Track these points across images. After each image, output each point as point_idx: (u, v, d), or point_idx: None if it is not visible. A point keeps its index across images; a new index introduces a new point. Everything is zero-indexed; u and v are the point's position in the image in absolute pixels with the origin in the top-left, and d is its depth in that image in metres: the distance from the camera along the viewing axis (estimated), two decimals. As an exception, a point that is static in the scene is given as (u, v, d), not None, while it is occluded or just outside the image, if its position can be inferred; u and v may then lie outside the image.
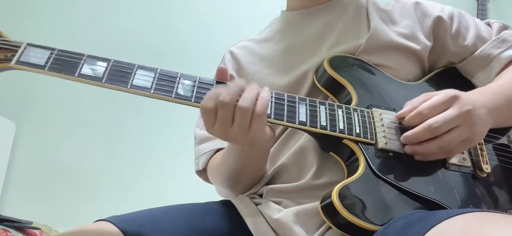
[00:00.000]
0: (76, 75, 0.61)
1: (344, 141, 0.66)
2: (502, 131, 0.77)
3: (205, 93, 0.61)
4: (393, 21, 0.82)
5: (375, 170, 0.63)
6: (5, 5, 2.19)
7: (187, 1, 2.30)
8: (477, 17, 1.05)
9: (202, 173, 0.86)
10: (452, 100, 0.64)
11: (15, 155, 2.01)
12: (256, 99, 0.60)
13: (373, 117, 0.69)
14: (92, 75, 0.61)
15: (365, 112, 0.69)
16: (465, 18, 0.84)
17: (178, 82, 0.63)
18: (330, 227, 0.62)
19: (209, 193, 0.87)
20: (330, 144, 0.69)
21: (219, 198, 0.81)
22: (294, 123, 0.64)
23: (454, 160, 0.68)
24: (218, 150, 0.82)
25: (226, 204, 0.75)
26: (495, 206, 0.67)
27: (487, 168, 0.69)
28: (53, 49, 0.63)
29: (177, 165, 1.67)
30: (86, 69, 0.61)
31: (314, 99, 0.68)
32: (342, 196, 0.59)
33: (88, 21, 2.22)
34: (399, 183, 0.63)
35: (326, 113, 0.67)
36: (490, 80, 0.79)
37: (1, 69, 0.62)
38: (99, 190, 1.99)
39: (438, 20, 0.82)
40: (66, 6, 2.22)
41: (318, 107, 0.67)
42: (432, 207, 0.61)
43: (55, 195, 1.97)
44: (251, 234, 0.68)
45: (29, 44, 0.63)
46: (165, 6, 2.27)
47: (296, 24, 0.86)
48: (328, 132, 0.65)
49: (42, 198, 1.96)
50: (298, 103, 0.66)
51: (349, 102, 0.72)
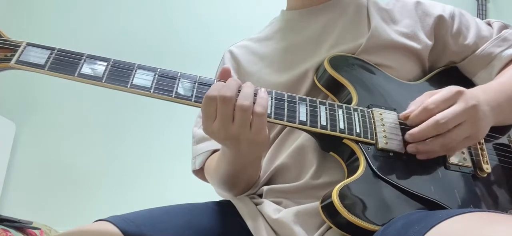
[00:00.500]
0: (76, 75, 0.61)
1: (344, 141, 0.66)
2: (503, 131, 0.77)
3: (205, 93, 0.61)
4: (394, 20, 0.82)
5: (375, 170, 0.63)
6: (5, 5, 2.19)
7: (187, 1, 2.30)
8: (477, 17, 1.05)
9: (199, 173, 0.86)
10: (457, 95, 0.64)
11: (15, 155, 2.01)
12: (255, 96, 0.60)
13: (374, 117, 0.69)
14: (92, 75, 0.61)
15: (366, 112, 0.69)
16: (466, 18, 0.84)
17: (178, 82, 0.63)
18: (330, 227, 0.62)
19: (209, 193, 0.87)
20: (330, 144, 0.69)
21: (219, 198, 0.81)
22: (294, 123, 0.64)
23: (455, 160, 0.68)
24: (216, 151, 0.82)
25: (226, 204, 0.75)
26: (496, 206, 0.67)
27: (488, 168, 0.69)
28: (53, 49, 0.63)
29: (177, 165, 1.67)
30: (86, 69, 0.61)
31: (314, 99, 0.68)
32: (342, 196, 0.59)
33: (88, 21, 2.22)
34: (399, 183, 0.63)
35: (326, 113, 0.66)
36: (491, 79, 0.79)
37: (1, 69, 0.62)
38: (99, 190, 1.99)
39: (439, 20, 0.81)
40: (66, 6, 2.22)
41: (318, 107, 0.67)
42: (433, 207, 0.61)
43: (55, 195, 1.98)
44: (251, 234, 0.67)
45: (29, 44, 0.63)
46: (165, 6, 2.27)
47: (296, 24, 0.86)
48: (328, 132, 0.65)
49: (42, 198, 1.96)
50: (298, 103, 0.66)
51: (350, 102, 0.72)
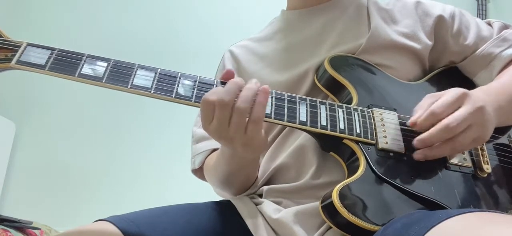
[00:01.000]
0: (76, 75, 0.61)
1: (345, 141, 0.66)
2: (503, 131, 0.77)
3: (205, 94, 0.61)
4: (394, 20, 0.82)
5: (376, 170, 0.63)
6: (5, 5, 2.19)
7: (187, 1, 2.30)
8: (477, 17, 1.05)
9: (198, 172, 0.85)
10: (463, 97, 0.63)
11: (15, 155, 2.01)
12: (254, 101, 0.59)
13: (374, 117, 0.69)
14: (92, 75, 0.61)
15: (366, 112, 0.69)
16: (466, 18, 0.84)
17: (179, 82, 0.63)
18: (330, 227, 0.62)
19: (209, 193, 0.87)
20: (331, 144, 0.69)
21: (219, 198, 0.81)
22: (295, 123, 0.64)
23: (455, 160, 0.68)
24: (215, 150, 0.82)
25: (226, 204, 0.75)
26: (496, 206, 0.67)
27: (488, 168, 0.69)
28: (53, 49, 0.62)
29: (177, 165, 1.67)
30: (86, 69, 0.61)
31: (315, 99, 0.68)
32: (343, 196, 0.59)
33: (88, 21, 2.22)
34: (400, 183, 0.63)
35: (327, 113, 0.66)
36: (492, 79, 0.79)
37: (2, 69, 0.62)
38: (99, 190, 1.99)
39: (440, 20, 0.81)
40: (67, 6, 2.23)
41: (319, 107, 0.67)
42: (433, 207, 0.61)
43: (55, 195, 1.98)
44: (251, 234, 0.67)
45: (30, 44, 0.63)
46: (165, 6, 2.27)
47: (297, 24, 0.86)
48: (329, 132, 0.65)
49: (42, 198, 1.96)
50: (299, 103, 0.66)
51: (350, 102, 0.72)
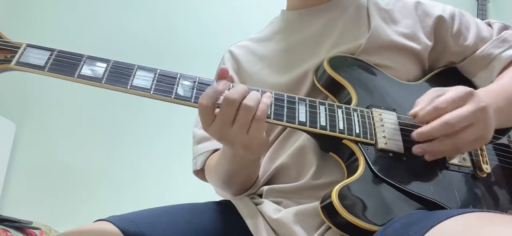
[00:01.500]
0: (76, 76, 0.61)
1: (344, 141, 0.66)
2: (502, 131, 0.77)
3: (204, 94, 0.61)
4: (394, 21, 0.82)
5: (375, 170, 0.63)
6: (5, 6, 2.19)
7: (187, 1, 2.30)
8: (477, 17, 1.05)
9: (200, 173, 0.85)
10: (468, 96, 0.62)
11: (15, 155, 2.01)
12: (259, 102, 0.60)
13: (373, 117, 0.69)
14: (92, 76, 0.61)
15: (365, 112, 0.69)
16: (466, 18, 0.84)
17: (178, 83, 0.63)
18: (330, 227, 0.62)
19: (209, 193, 0.87)
20: (330, 144, 0.69)
21: (219, 198, 0.81)
22: (294, 123, 0.64)
23: (454, 160, 0.68)
24: (216, 150, 0.82)
25: (226, 204, 0.75)
26: (495, 206, 0.67)
27: (487, 168, 0.69)
28: (53, 50, 0.62)
29: (177, 165, 1.67)
30: (86, 70, 0.61)
31: (314, 99, 0.68)
32: (342, 196, 0.59)
33: (88, 21, 2.22)
34: (399, 183, 0.63)
35: (326, 113, 0.67)
36: (491, 80, 0.79)
37: (1, 70, 0.62)
38: (99, 190, 1.99)
39: (440, 20, 0.81)
40: (67, 6, 2.23)
41: (318, 107, 0.67)
42: (432, 207, 0.61)
43: (55, 195, 1.98)
44: (251, 234, 0.68)
45: (29, 45, 0.63)
46: (165, 6, 2.27)
47: (296, 24, 0.86)
48: (328, 133, 0.65)
49: (42, 198, 1.96)
50: (298, 103, 0.66)
51: (349, 102, 0.72)
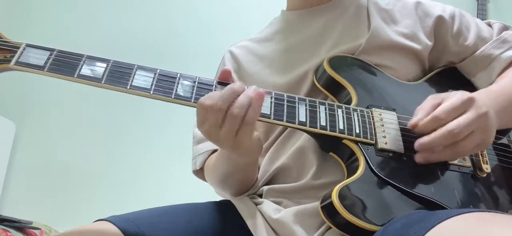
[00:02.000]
0: (76, 76, 0.61)
1: (344, 141, 0.66)
2: (503, 131, 0.77)
3: (205, 94, 0.60)
4: (394, 21, 0.82)
5: (375, 170, 0.63)
6: (5, 6, 2.19)
7: (187, 1, 2.30)
8: (477, 17, 1.05)
9: (199, 173, 0.85)
10: (468, 102, 0.62)
11: (15, 155, 2.01)
12: (249, 107, 0.58)
13: (373, 117, 0.69)
14: (92, 76, 0.61)
15: (365, 112, 0.69)
16: (466, 18, 0.84)
17: (178, 83, 0.63)
18: (330, 227, 0.62)
19: (209, 193, 0.87)
20: (330, 144, 0.69)
21: (219, 198, 0.81)
22: (294, 123, 0.64)
23: (454, 161, 0.68)
24: (215, 151, 0.82)
25: (226, 204, 0.75)
26: (495, 206, 0.67)
27: (487, 168, 0.69)
28: (53, 50, 0.62)
29: (177, 165, 1.67)
30: (86, 70, 0.61)
31: (314, 99, 0.68)
32: (342, 196, 0.59)
33: (88, 21, 2.22)
34: (399, 183, 0.63)
35: (326, 113, 0.66)
36: (491, 80, 0.79)
37: (1, 70, 0.62)
38: (99, 190, 1.99)
39: (440, 20, 0.81)
40: (67, 6, 2.22)
41: (318, 107, 0.67)
42: (432, 207, 0.61)
43: (55, 195, 1.98)
44: (251, 234, 0.68)
45: (29, 45, 0.63)
46: (165, 6, 2.27)
47: (296, 24, 0.86)
48: (328, 133, 0.65)
49: (42, 198, 1.96)
50: (298, 103, 0.66)
51: (349, 102, 0.72)
